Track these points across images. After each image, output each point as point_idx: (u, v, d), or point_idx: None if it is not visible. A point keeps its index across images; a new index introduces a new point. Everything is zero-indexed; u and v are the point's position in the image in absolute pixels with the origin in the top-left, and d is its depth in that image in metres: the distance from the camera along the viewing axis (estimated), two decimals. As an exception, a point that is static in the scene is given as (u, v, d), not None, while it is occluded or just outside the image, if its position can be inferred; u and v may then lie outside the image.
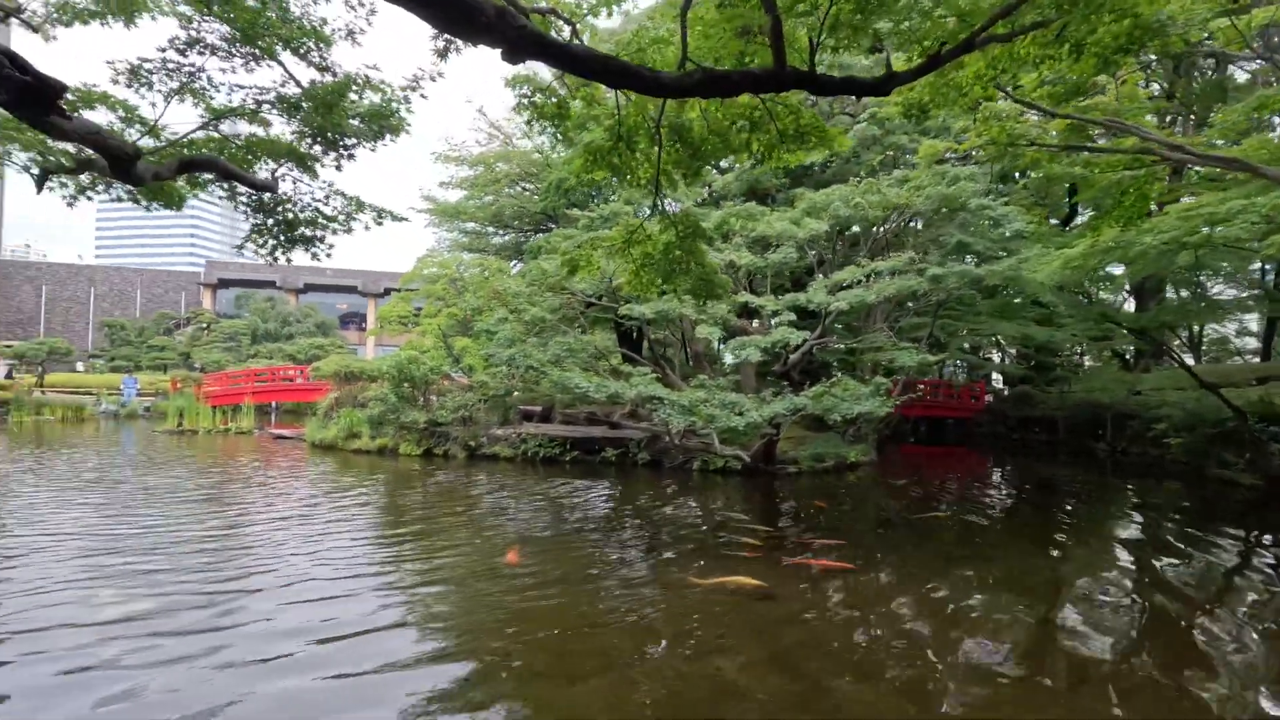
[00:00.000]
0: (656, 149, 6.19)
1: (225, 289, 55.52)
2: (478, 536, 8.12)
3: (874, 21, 4.07)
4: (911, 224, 18.66)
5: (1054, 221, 22.92)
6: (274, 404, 28.41)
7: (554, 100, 6.39)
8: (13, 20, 5.67)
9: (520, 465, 14.80)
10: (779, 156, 6.34)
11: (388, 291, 52.03)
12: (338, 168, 6.19)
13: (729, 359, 20.29)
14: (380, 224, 6.59)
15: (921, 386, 22.68)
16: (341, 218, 6.28)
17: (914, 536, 8.67)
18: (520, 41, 3.09)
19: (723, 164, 19.77)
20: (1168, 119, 19.64)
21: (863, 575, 6.60)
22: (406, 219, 7.11)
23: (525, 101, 6.28)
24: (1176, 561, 7.67)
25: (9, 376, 31.55)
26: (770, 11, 3.57)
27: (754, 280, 15.62)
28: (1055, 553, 8.07)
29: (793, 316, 12.48)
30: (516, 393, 15.33)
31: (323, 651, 4.60)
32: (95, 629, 4.91)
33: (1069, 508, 11.26)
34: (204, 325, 44.94)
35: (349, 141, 6.07)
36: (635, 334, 20.81)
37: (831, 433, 16.23)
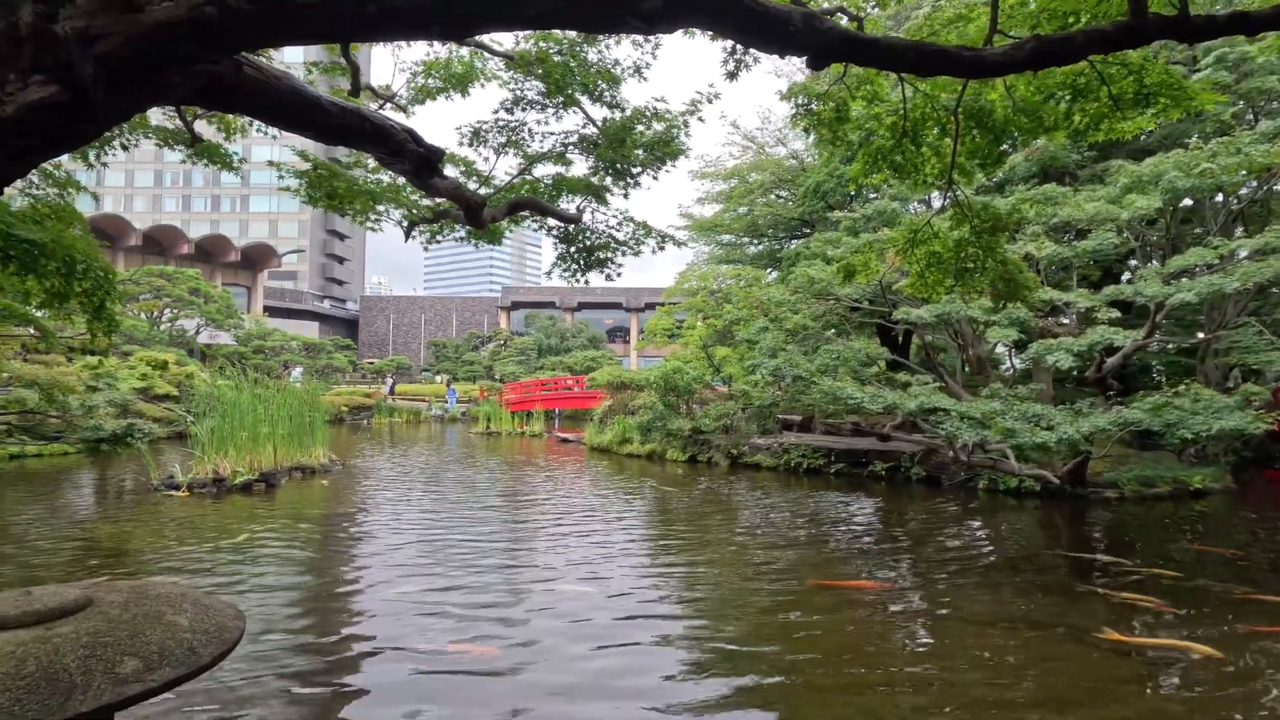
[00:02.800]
0: (952, 140, 5.61)
1: (517, 310, 64.25)
2: (787, 565, 7.28)
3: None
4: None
5: None
6: (556, 410, 31.94)
7: (831, 105, 6.16)
8: (384, 102, 7.12)
9: (783, 475, 14.61)
10: (1110, 127, 5.33)
11: (648, 306, 55.69)
12: (625, 196, 6.73)
13: (1015, 364, 17.80)
14: (663, 248, 7.01)
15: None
16: (631, 242, 6.81)
17: None
18: (828, 45, 2.99)
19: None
20: None
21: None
22: (686, 243, 7.40)
23: (802, 110, 6.15)
24: None
25: (391, 391, 40.13)
26: (1128, -47, 2.98)
27: (1045, 272, 13.48)
28: None
29: (1115, 313, 10.46)
30: (782, 402, 15.18)
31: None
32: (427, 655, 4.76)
33: None
34: (502, 342, 52.48)
35: (635, 170, 6.54)
36: (901, 339, 19.35)
37: (1161, 451, 13.29)
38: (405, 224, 6.39)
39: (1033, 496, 11.21)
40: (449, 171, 6.49)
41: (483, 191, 6.07)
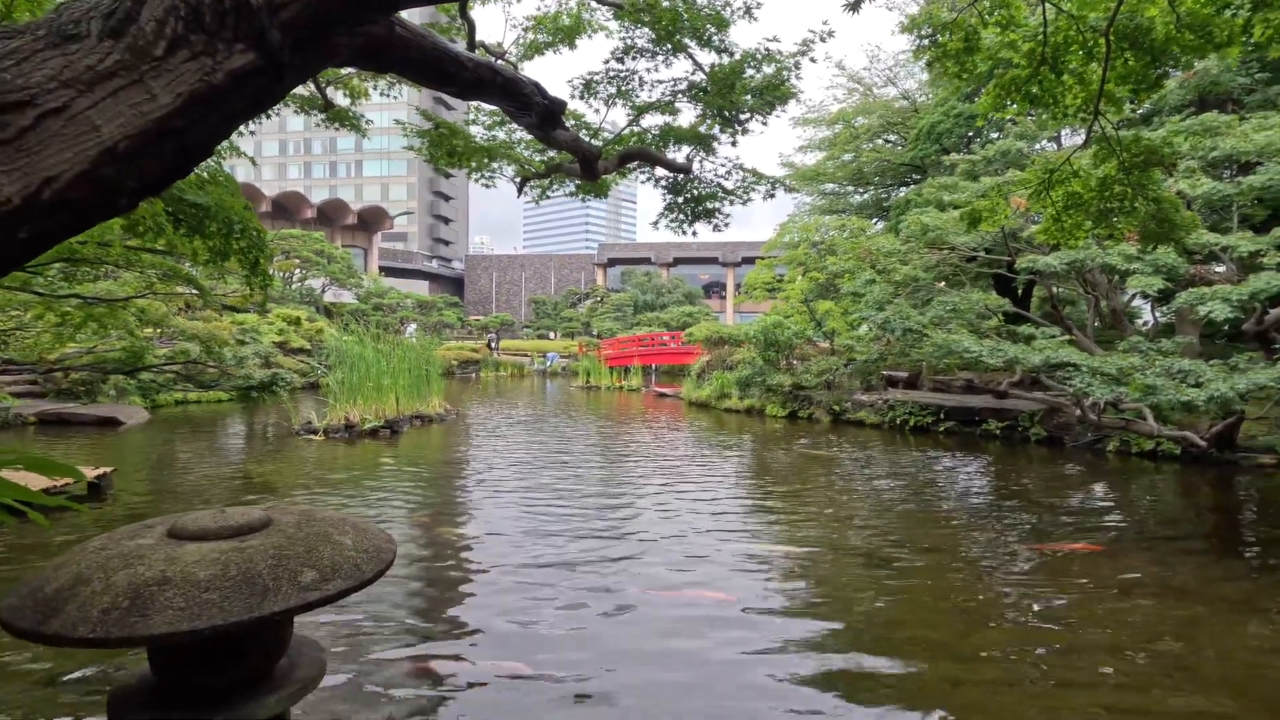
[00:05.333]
0: (1101, 65, 5.09)
1: (613, 266, 64.83)
2: (942, 540, 6.40)
3: None
4: None
5: None
6: (654, 365, 32.28)
7: (960, 34, 5.72)
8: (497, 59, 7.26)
9: (887, 433, 14.21)
10: (1301, 39, 4.64)
11: (744, 261, 54.67)
12: (733, 143, 6.58)
13: (1155, 317, 16.23)
14: (773, 195, 6.86)
15: None
16: (740, 190, 6.70)
17: None
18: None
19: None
20: None
21: None
22: (798, 189, 7.18)
23: (926, 43, 5.74)
24: None
25: (493, 347, 42.52)
26: None
27: (1198, 214, 12.03)
28: None
29: (1285, 258, 9.27)
30: (890, 357, 14.65)
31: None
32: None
33: None
34: (599, 298, 53.26)
35: (744, 117, 6.37)
36: (1021, 290, 18.03)
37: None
38: (518, 180, 6.57)
39: (1171, 460, 10.35)
40: (559, 126, 6.59)
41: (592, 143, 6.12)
